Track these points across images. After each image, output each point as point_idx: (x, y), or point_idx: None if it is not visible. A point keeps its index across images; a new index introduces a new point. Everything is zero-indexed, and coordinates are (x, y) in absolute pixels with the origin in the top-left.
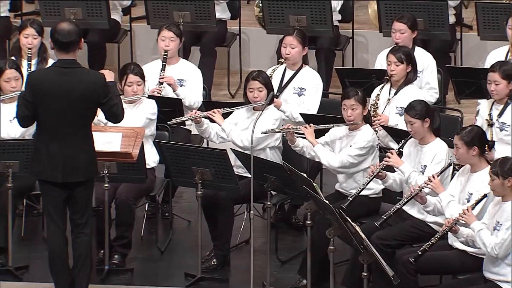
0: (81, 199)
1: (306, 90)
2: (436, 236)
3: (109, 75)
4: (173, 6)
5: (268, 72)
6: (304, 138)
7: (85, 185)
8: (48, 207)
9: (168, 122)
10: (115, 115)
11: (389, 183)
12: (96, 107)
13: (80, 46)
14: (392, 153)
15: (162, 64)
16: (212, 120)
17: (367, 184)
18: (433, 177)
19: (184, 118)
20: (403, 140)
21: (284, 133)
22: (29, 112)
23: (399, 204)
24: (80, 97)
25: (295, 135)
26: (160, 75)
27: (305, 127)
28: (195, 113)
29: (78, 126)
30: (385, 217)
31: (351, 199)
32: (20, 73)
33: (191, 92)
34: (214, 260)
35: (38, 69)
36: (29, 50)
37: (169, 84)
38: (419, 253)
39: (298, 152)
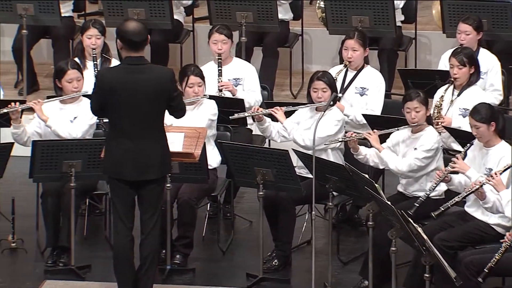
0: (151, 198)
1: (368, 90)
2: (499, 252)
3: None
4: (236, 7)
5: (333, 74)
6: (369, 146)
7: (156, 184)
8: (116, 206)
9: (230, 117)
10: (182, 110)
11: (454, 186)
12: (165, 103)
13: (148, 42)
14: (458, 158)
15: (218, 70)
16: (274, 118)
17: (434, 189)
18: (496, 174)
19: (246, 114)
20: (468, 144)
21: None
22: (99, 107)
23: (458, 197)
24: (150, 93)
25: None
26: (218, 81)
27: (369, 134)
28: (257, 109)
29: (149, 123)
30: (442, 209)
31: (417, 205)
32: (82, 73)
33: (250, 93)
34: (276, 261)
35: (108, 68)
36: (94, 51)
37: (228, 91)
38: (486, 271)
39: (361, 160)
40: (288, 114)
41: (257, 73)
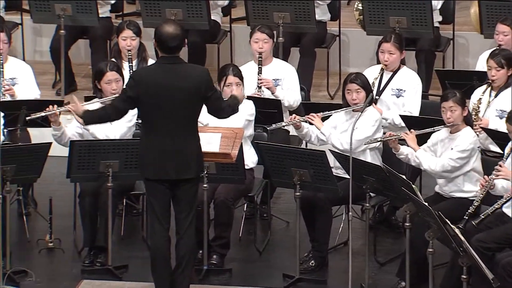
0: (186, 198)
1: (405, 91)
2: None
3: (240, 94)
4: (273, 7)
5: (369, 75)
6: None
7: (192, 184)
8: (153, 206)
9: (268, 128)
10: (221, 110)
11: (497, 191)
12: (201, 102)
13: (184, 44)
14: (501, 166)
15: (258, 67)
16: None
17: (482, 198)
18: None
19: (284, 124)
20: (506, 151)
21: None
22: (124, 106)
23: (498, 203)
24: (185, 92)
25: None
26: (258, 79)
27: (406, 134)
28: (294, 118)
29: (185, 121)
30: (483, 217)
31: (467, 218)
32: (121, 75)
33: (289, 92)
34: (312, 261)
35: (142, 67)
36: (129, 52)
37: (267, 88)
38: None
39: (403, 160)
40: (324, 117)
41: (297, 74)
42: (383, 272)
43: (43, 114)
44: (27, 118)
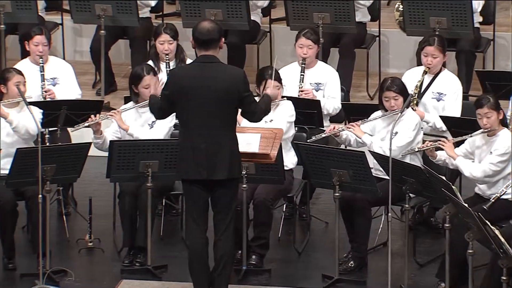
0: (223, 200)
1: (446, 95)
2: None
3: (273, 92)
4: (313, 8)
5: (409, 77)
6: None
7: (228, 185)
8: (190, 207)
9: (308, 141)
10: (254, 113)
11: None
12: (236, 103)
13: (221, 44)
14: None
15: (301, 75)
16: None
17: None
18: None
19: (323, 135)
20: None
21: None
22: (166, 105)
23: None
24: (220, 92)
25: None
26: (299, 87)
27: (444, 142)
28: (334, 128)
29: (219, 122)
30: (493, 200)
31: (493, 200)
32: (158, 77)
33: (329, 100)
34: (352, 262)
35: (179, 66)
36: (167, 56)
37: (307, 96)
38: None
39: (440, 164)
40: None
41: (339, 79)
42: (423, 273)
43: (86, 124)
44: (71, 130)
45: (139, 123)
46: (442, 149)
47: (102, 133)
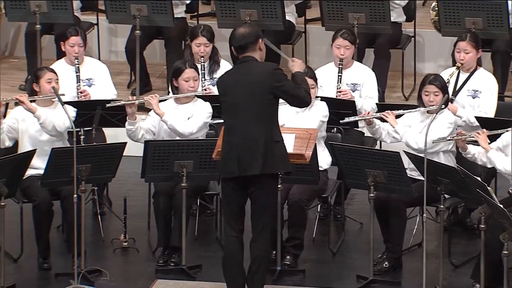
0: (259, 199)
1: (481, 93)
2: None
3: (300, 66)
4: (348, 8)
5: (444, 77)
6: (477, 144)
7: (263, 184)
8: (225, 207)
9: (341, 121)
10: (295, 96)
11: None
12: (270, 95)
13: (260, 46)
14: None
15: (338, 76)
16: (384, 121)
17: None
18: None
19: (357, 118)
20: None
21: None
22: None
23: None
24: (252, 85)
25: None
26: (337, 88)
27: (478, 133)
28: (368, 114)
29: (254, 116)
30: None
31: None
32: (199, 74)
33: (367, 100)
34: (386, 263)
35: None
36: (202, 59)
37: (345, 97)
38: None
39: (469, 159)
40: (397, 116)
41: (376, 80)
42: (458, 274)
43: (122, 102)
44: (107, 105)
45: (176, 116)
46: (475, 142)
47: (136, 118)
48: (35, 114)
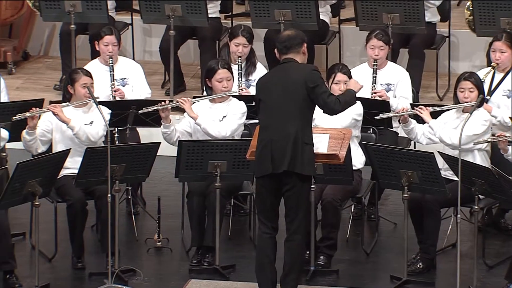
0: (292, 200)
1: None
2: None
3: (355, 85)
4: (383, 8)
5: (480, 77)
6: None
7: (296, 184)
8: (259, 206)
9: (375, 117)
10: (325, 102)
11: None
12: (305, 96)
13: (303, 50)
14: None
15: (373, 76)
16: (419, 120)
17: None
18: None
19: (391, 114)
20: None
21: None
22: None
23: None
24: (288, 84)
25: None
26: (372, 88)
27: None
28: (403, 110)
29: (288, 114)
30: None
31: None
32: (232, 74)
33: (401, 100)
34: (420, 263)
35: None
36: (239, 58)
37: (380, 97)
38: None
39: (511, 160)
40: (433, 116)
41: (410, 80)
42: (492, 275)
43: (155, 107)
44: (139, 111)
45: (210, 117)
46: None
47: (171, 121)
48: (69, 125)
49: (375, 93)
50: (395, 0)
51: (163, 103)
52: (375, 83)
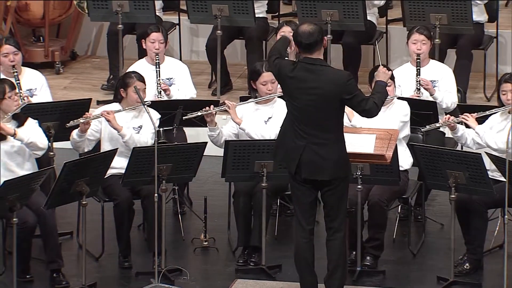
0: (330, 202)
1: None
2: None
3: (384, 76)
4: (430, 8)
5: None
6: None
7: (334, 188)
8: (295, 207)
9: (422, 129)
10: (364, 111)
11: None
12: (339, 105)
13: (324, 44)
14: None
15: (417, 69)
16: (467, 126)
17: None
18: None
19: (437, 124)
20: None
21: None
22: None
23: None
24: (322, 95)
25: None
26: (417, 80)
27: None
28: (449, 119)
29: (323, 124)
30: None
31: None
32: None
33: (446, 93)
34: (467, 264)
35: (287, 60)
36: (286, 53)
37: (426, 89)
38: None
39: None
40: (479, 118)
41: (453, 76)
42: None
43: (199, 113)
44: (184, 117)
45: (254, 119)
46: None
47: (216, 125)
48: (120, 133)
49: (421, 84)
50: (443, 0)
51: (207, 108)
52: (419, 74)
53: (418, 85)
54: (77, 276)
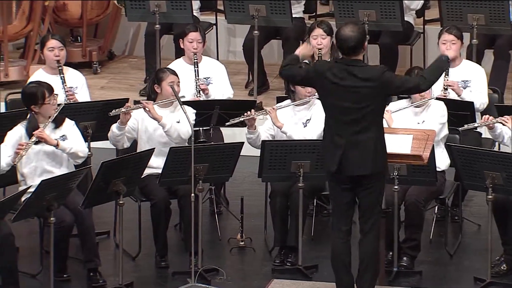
0: (366, 202)
1: None
2: None
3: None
4: (468, 9)
5: None
6: None
7: (371, 187)
8: (333, 207)
9: (460, 129)
10: (407, 89)
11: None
12: (378, 100)
13: (364, 46)
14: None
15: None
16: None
17: None
18: None
19: (476, 124)
20: None
21: None
22: (304, 74)
23: None
24: (361, 93)
25: None
26: (444, 80)
27: None
28: (487, 119)
29: (362, 122)
30: None
31: None
32: None
33: (477, 94)
34: (504, 265)
35: (324, 60)
36: (319, 51)
37: (452, 89)
38: None
39: None
40: None
41: (485, 76)
42: None
43: (241, 119)
44: (226, 124)
45: (293, 121)
46: None
47: (256, 128)
48: (160, 123)
49: (448, 84)
50: (480, 0)
51: (248, 113)
52: (447, 75)
53: (446, 85)
54: (114, 276)
